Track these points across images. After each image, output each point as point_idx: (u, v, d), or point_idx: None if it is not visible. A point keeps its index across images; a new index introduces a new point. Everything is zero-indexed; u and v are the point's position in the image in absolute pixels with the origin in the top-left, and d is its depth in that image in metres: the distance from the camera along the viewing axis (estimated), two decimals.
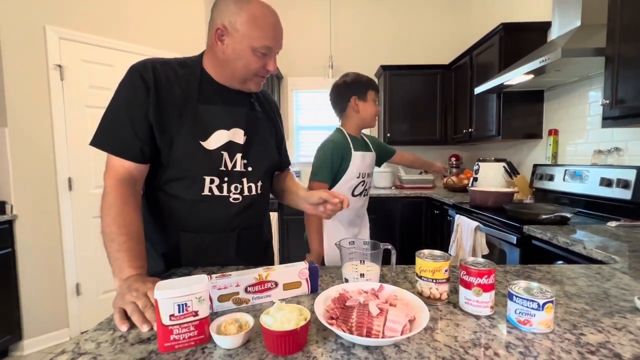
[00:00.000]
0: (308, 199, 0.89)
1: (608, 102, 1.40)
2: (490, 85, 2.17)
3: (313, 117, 3.67)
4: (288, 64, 3.50)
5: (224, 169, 0.86)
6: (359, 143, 1.44)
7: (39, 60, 2.08)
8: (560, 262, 1.26)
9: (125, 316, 0.59)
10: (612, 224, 1.45)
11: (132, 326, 0.58)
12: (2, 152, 2.01)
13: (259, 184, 0.93)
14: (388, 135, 3.28)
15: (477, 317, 0.60)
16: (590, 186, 1.80)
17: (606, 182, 1.70)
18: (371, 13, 3.54)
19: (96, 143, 0.79)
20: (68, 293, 2.24)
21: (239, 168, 0.89)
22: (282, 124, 1.09)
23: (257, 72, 0.85)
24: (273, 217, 2.86)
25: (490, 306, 0.61)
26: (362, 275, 0.72)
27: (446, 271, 0.65)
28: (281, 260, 2.96)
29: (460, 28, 3.49)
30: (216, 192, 0.86)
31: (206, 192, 0.85)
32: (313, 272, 0.71)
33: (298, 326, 0.49)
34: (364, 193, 1.44)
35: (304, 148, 3.66)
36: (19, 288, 2.05)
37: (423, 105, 3.26)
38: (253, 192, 0.92)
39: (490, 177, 2.42)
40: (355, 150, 1.38)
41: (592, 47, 1.53)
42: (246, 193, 0.90)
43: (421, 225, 3.02)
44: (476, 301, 0.61)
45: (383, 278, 0.79)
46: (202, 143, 0.83)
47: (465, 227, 1.99)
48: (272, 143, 1.00)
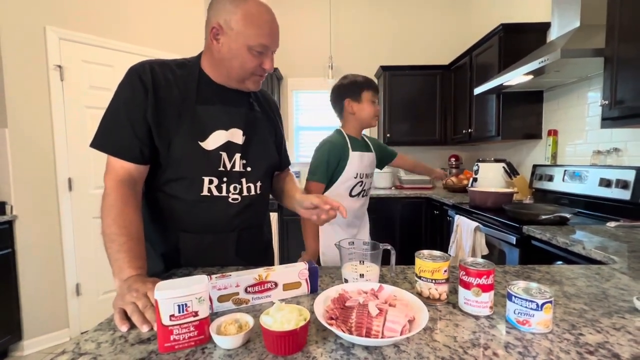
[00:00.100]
0: (302, 203, 0.88)
1: (607, 103, 1.40)
2: (489, 85, 2.17)
3: (313, 118, 3.68)
4: (288, 65, 3.50)
5: (223, 169, 0.86)
6: (359, 143, 1.44)
7: (39, 60, 2.08)
8: (559, 263, 1.26)
9: (125, 316, 0.59)
10: (612, 225, 1.45)
11: (132, 326, 0.58)
12: (2, 153, 2.01)
13: (258, 184, 0.93)
14: (388, 135, 3.28)
15: (477, 318, 0.60)
16: (589, 187, 1.81)
17: (605, 183, 1.70)
18: (371, 14, 3.55)
19: (96, 144, 0.79)
20: (68, 293, 2.24)
21: (238, 168, 0.89)
22: (282, 124, 1.09)
23: (254, 71, 0.85)
24: (273, 218, 2.86)
25: (489, 306, 0.61)
26: (362, 275, 0.72)
27: (445, 271, 0.65)
28: (281, 260, 2.96)
29: (459, 29, 3.50)
30: (215, 193, 0.86)
31: (205, 193, 0.85)
32: (313, 273, 0.71)
33: (298, 326, 0.49)
34: (363, 194, 1.43)
35: (304, 148, 3.66)
36: (19, 288, 2.05)
37: (423, 105, 3.27)
38: (252, 193, 0.92)
39: (489, 178, 2.42)
40: (353, 150, 1.38)
41: (592, 48, 1.53)
42: (245, 193, 0.90)
43: (421, 225, 3.02)
44: (475, 301, 0.61)
45: (382, 278, 0.79)
46: (201, 143, 0.83)
47: (464, 228, 1.99)
48: (272, 143, 0.99)
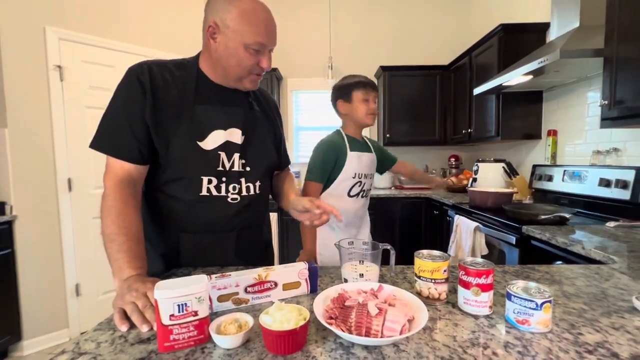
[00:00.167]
0: (295, 205, 0.88)
1: (606, 103, 1.41)
2: (489, 86, 2.17)
3: (313, 118, 3.68)
4: (288, 65, 3.50)
5: (222, 169, 0.86)
6: (358, 144, 1.43)
7: (39, 61, 2.08)
8: (559, 263, 1.26)
9: (125, 316, 0.59)
10: (611, 224, 1.45)
11: (132, 326, 0.58)
12: (2, 153, 2.01)
13: (257, 184, 0.93)
14: (387, 135, 3.28)
15: (476, 317, 0.61)
16: (589, 186, 1.81)
17: (605, 183, 1.71)
18: (371, 14, 3.55)
19: (95, 145, 0.79)
20: (68, 293, 2.24)
21: (237, 168, 0.89)
22: (282, 123, 1.09)
23: (251, 70, 0.84)
24: (273, 218, 2.86)
25: (488, 306, 0.61)
26: (362, 275, 0.72)
27: (445, 271, 0.65)
28: (281, 260, 2.96)
29: (459, 29, 3.50)
30: (214, 193, 0.86)
31: (204, 193, 0.85)
32: (312, 273, 0.71)
33: (297, 326, 0.49)
34: (362, 194, 1.43)
35: (304, 149, 3.66)
36: (19, 288, 2.05)
37: (422, 105, 3.27)
38: (251, 192, 0.92)
39: (489, 178, 2.43)
40: (351, 150, 1.38)
41: (591, 48, 1.53)
42: (244, 193, 0.90)
43: (421, 225, 3.02)
44: (475, 301, 0.61)
45: (382, 278, 0.79)
46: (199, 143, 0.83)
47: (464, 228, 1.99)
48: (271, 142, 0.99)
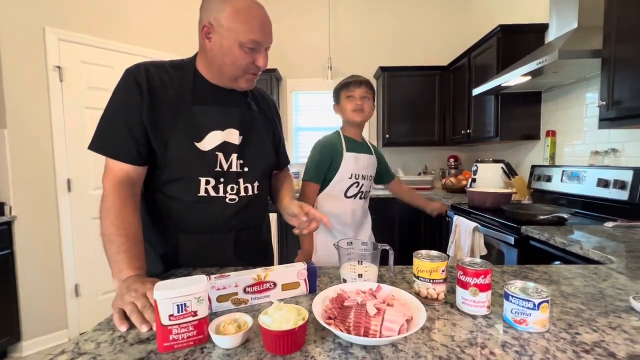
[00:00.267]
0: (286, 210, 0.91)
1: (605, 104, 1.41)
2: (488, 86, 2.18)
3: (312, 118, 3.68)
4: (287, 65, 3.51)
5: (219, 170, 0.86)
6: (356, 145, 1.43)
7: (38, 61, 2.09)
8: (557, 263, 1.26)
9: (124, 316, 0.59)
10: (609, 225, 1.45)
11: (132, 326, 0.58)
12: (2, 153, 2.01)
13: (256, 185, 0.93)
14: (387, 136, 3.29)
15: (474, 317, 0.61)
16: (587, 187, 1.81)
17: (603, 183, 1.71)
18: (370, 14, 3.56)
19: (94, 147, 0.79)
20: (67, 294, 2.23)
21: (235, 168, 0.89)
22: (281, 123, 1.09)
23: (247, 69, 0.84)
24: (272, 218, 2.85)
25: (486, 306, 0.61)
26: (360, 275, 0.73)
27: (443, 271, 0.66)
28: (280, 260, 2.96)
29: (458, 29, 3.51)
30: (212, 193, 0.86)
31: (202, 193, 0.85)
32: (311, 273, 0.72)
33: (296, 326, 0.49)
34: (361, 195, 1.42)
35: (303, 149, 3.66)
36: (18, 289, 2.04)
37: (422, 106, 3.27)
38: (250, 193, 0.92)
39: (488, 178, 2.43)
40: (347, 150, 1.38)
41: (589, 49, 1.54)
42: (242, 194, 0.90)
43: (420, 225, 3.03)
44: (473, 301, 0.61)
45: (381, 278, 0.79)
46: (197, 144, 0.83)
47: (463, 228, 2.00)
48: (269, 143, 0.99)
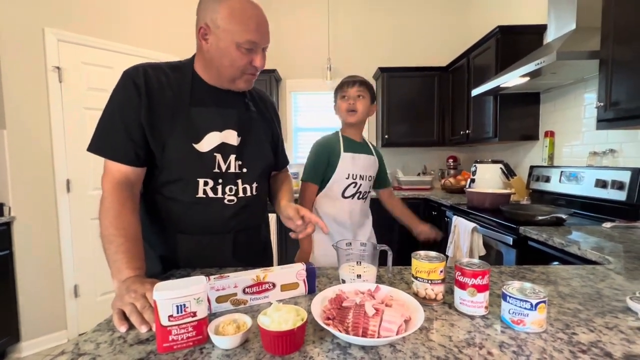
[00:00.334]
0: (283, 212, 0.91)
1: (602, 105, 1.42)
2: (487, 87, 2.19)
3: (311, 119, 3.68)
4: (286, 66, 3.51)
5: (218, 171, 0.86)
6: (354, 145, 1.42)
7: (38, 62, 2.08)
8: (555, 263, 1.27)
9: (124, 317, 0.59)
10: (607, 225, 1.46)
11: (131, 327, 0.58)
12: (1, 154, 2.01)
13: (254, 185, 0.93)
14: (386, 136, 3.29)
15: (472, 317, 0.61)
16: (585, 187, 1.82)
17: (601, 184, 1.72)
18: (369, 15, 3.56)
19: (93, 149, 0.80)
20: (66, 295, 2.23)
21: (234, 169, 0.89)
22: (279, 124, 1.09)
23: (245, 70, 0.84)
24: (272, 218, 2.86)
25: (484, 306, 0.62)
26: (359, 276, 0.73)
27: (441, 272, 0.66)
28: (280, 261, 2.96)
29: (457, 30, 3.51)
30: (210, 194, 0.86)
31: (200, 195, 0.85)
32: (310, 274, 0.72)
33: (295, 326, 0.50)
34: (359, 196, 1.41)
35: (302, 150, 3.67)
36: (17, 290, 2.04)
37: (421, 107, 3.28)
38: (248, 194, 0.92)
39: (487, 179, 2.44)
40: (344, 151, 1.37)
41: (587, 50, 1.54)
42: (241, 194, 0.90)
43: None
44: (471, 301, 0.61)
45: (380, 279, 0.80)
46: (195, 145, 0.83)
47: (462, 228, 2.00)
48: (267, 143, 0.99)
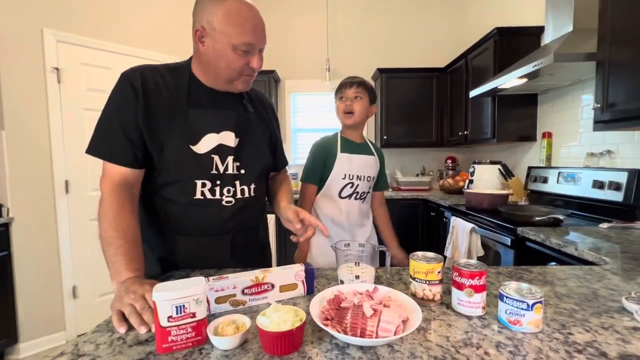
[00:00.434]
0: (283, 214, 0.91)
1: (599, 106, 1.43)
2: (485, 88, 2.19)
3: (310, 120, 3.70)
4: (285, 67, 3.52)
5: (216, 173, 0.87)
6: (353, 145, 1.42)
7: (37, 63, 2.08)
8: (553, 264, 1.28)
9: (123, 318, 0.59)
10: (604, 226, 1.47)
11: (131, 328, 0.58)
12: None
13: (252, 187, 0.94)
14: (385, 137, 3.30)
15: (469, 318, 0.62)
16: (583, 188, 1.83)
17: (598, 185, 1.73)
18: (368, 17, 3.57)
19: (91, 151, 0.80)
20: (64, 296, 2.23)
21: (232, 171, 0.89)
22: (278, 125, 1.09)
23: (242, 71, 0.84)
24: (270, 219, 2.87)
25: (481, 307, 0.62)
26: (357, 277, 0.73)
27: (439, 273, 0.66)
28: (279, 262, 2.97)
29: (456, 32, 3.53)
30: (208, 196, 0.86)
31: (198, 196, 0.86)
32: (309, 274, 0.72)
33: (294, 327, 0.50)
34: (356, 196, 1.41)
35: (301, 150, 3.68)
36: (15, 291, 2.04)
37: (419, 107, 3.29)
38: (246, 195, 0.92)
39: (485, 179, 2.45)
40: (342, 151, 1.38)
41: (584, 52, 1.55)
42: (239, 196, 0.91)
43: (417, 227, 3.04)
44: (468, 302, 0.62)
45: (378, 280, 0.80)
46: (192, 147, 0.83)
47: (460, 229, 2.01)
48: (265, 145, 0.99)
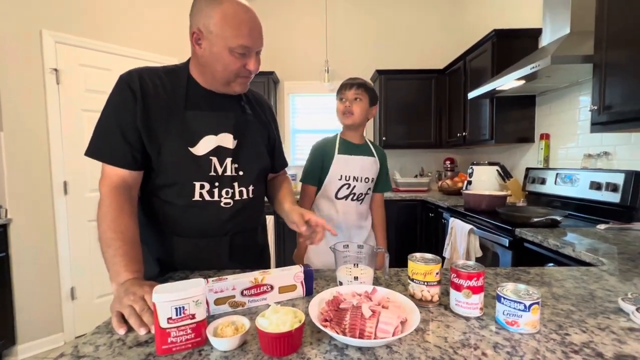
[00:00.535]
0: (288, 217, 0.92)
1: (596, 108, 1.43)
2: (483, 90, 2.20)
3: (309, 121, 3.70)
4: (284, 68, 3.52)
5: (214, 174, 0.87)
6: (351, 147, 1.41)
7: (35, 64, 2.08)
8: (550, 265, 1.28)
9: (122, 320, 0.60)
10: (601, 227, 1.48)
11: (130, 329, 0.58)
12: None
13: (251, 188, 0.94)
14: (384, 138, 3.31)
15: (467, 319, 0.62)
16: (580, 189, 1.84)
17: (596, 186, 1.74)
18: (367, 18, 3.59)
19: (90, 153, 0.80)
20: (63, 297, 2.22)
21: (230, 172, 0.89)
22: (277, 126, 1.09)
23: (238, 73, 0.85)
24: (269, 221, 2.87)
25: (479, 308, 0.62)
26: (356, 278, 0.74)
27: (437, 274, 0.67)
28: (278, 263, 2.96)
29: (454, 33, 3.54)
30: (207, 198, 0.87)
31: (197, 198, 0.86)
32: (308, 276, 0.73)
33: (293, 328, 0.50)
34: (353, 197, 1.40)
35: (300, 151, 3.68)
36: (13, 292, 2.03)
37: (418, 109, 3.30)
38: (244, 197, 0.92)
39: (483, 181, 2.45)
40: (339, 152, 1.38)
41: (581, 54, 1.56)
42: (237, 197, 0.91)
43: (416, 228, 3.04)
44: (466, 303, 0.62)
45: (377, 281, 0.80)
46: (191, 149, 0.84)
47: (459, 230, 2.01)
48: (263, 146, 0.99)
